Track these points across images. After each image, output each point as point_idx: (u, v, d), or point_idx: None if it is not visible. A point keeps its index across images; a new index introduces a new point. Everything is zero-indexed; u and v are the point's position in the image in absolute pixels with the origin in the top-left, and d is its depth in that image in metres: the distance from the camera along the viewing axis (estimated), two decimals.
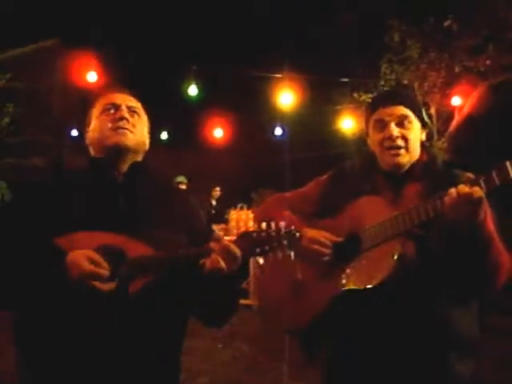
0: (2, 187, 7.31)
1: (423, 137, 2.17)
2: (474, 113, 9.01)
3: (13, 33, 13.52)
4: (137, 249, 1.78)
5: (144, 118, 2.12)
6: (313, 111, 12.70)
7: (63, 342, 1.72)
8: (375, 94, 10.43)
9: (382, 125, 2.13)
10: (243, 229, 6.77)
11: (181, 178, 9.75)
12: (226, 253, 1.79)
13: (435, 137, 9.78)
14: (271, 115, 12.14)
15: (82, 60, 9.97)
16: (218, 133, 12.23)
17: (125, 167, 1.99)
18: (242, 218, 7.03)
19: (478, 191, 1.75)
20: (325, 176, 2.37)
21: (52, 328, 1.73)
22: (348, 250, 2.08)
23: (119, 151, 1.96)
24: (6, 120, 11.77)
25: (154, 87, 14.69)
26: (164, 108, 14.14)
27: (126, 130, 1.98)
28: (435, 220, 1.87)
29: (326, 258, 2.12)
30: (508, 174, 1.72)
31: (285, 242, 1.79)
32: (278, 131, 12.84)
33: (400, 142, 2.09)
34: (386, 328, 2.00)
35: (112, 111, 2.03)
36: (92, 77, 9.86)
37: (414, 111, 2.13)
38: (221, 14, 13.96)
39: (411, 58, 10.00)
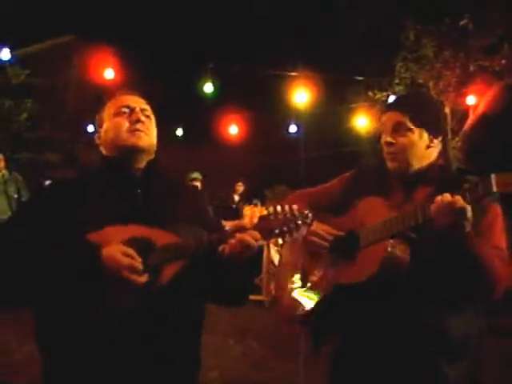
0: (19, 181, 7.39)
1: (434, 143, 2.15)
2: (489, 112, 8.94)
3: (32, 29, 13.65)
4: (164, 239, 1.87)
5: (153, 119, 2.19)
6: (327, 109, 12.69)
7: (94, 334, 1.78)
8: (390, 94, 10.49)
9: (384, 129, 2.20)
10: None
11: (195, 174, 9.77)
12: (247, 237, 1.85)
13: (449, 136, 9.72)
14: (286, 113, 12.15)
15: (100, 57, 10.04)
16: (233, 130, 12.26)
17: (140, 166, 2.06)
18: (255, 215, 7.11)
19: (460, 201, 1.79)
20: (347, 174, 2.43)
21: (84, 320, 1.79)
22: (347, 246, 2.15)
23: (135, 152, 2.04)
24: (24, 115, 11.92)
25: (170, 85, 14.77)
26: (180, 105, 14.25)
27: (142, 133, 2.05)
28: (425, 225, 1.92)
29: (324, 250, 2.22)
30: (491, 187, 1.76)
31: (299, 223, 1.85)
32: (293, 129, 12.83)
33: (391, 149, 2.15)
34: (373, 324, 2.07)
35: (127, 113, 2.09)
36: (109, 74, 9.93)
37: (415, 118, 2.12)
38: (237, 12, 13.97)
39: (426, 56, 9.96)
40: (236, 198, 10.89)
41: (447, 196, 1.82)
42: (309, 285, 2.29)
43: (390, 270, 1.98)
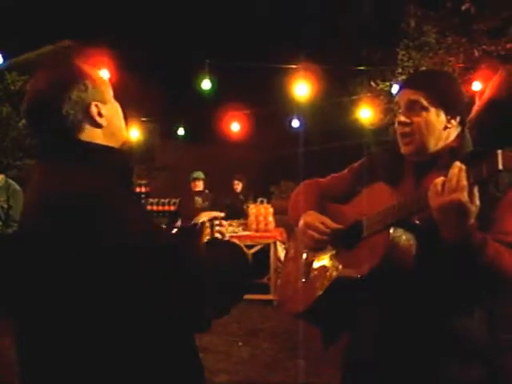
0: (10, 189, 7.12)
1: (452, 123, 1.97)
2: (496, 96, 8.81)
3: (29, 36, 13.61)
4: None
5: None
6: (330, 102, 12.56)
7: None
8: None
9: (397, 109, 2.03)
10: (263, 224, 6.67)
11: (197, 174, 9.62)
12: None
13: None
14: (288, 107, 12.00)
15: (97, 60, 9.91)
16: (235, 127, 12.11)
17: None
18: (261, 213, 7.05)
19: (455, 178, 1.63)
20: (357, 163, 2.32)
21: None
22: (350, 236, 2.01)
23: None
24: (23, 121, 11.83)
25: (168, 84, 14.69)
26: (180, 104, 14.15)
27: None
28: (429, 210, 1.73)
29: (321, 243, 2.09)
30: (496, 165, 1.55)
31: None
32: (296, 123, 12.68)
33: (405, 129, 1.98)
34: (377, 320, 1.97)
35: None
36: (106, 76, 9.79)
37: (430, 95, 1.94)
38: (233, 6, 13.87)
39: (428, 43, 9.79)
40: (241, 197, 10.58)
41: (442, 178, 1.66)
42: (310, 278, 2.16)
43: (394, 261, 1.81)
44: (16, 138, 11.78)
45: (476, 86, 9.16)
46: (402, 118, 1.98)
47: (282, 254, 8.62)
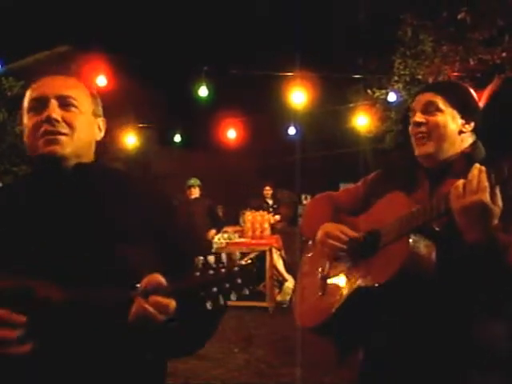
0: None
1: (467, 128, 1.98)
2: (491, 105, 8.83)
3: (26, 41, 13.63)
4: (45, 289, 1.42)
5: (88, 108, 1.64)
6: (327, 109, 12.57)
7: None
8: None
9: (413, 111, 2.04)
10: (259, 231, 6.63)
11: (193, 181, 9.62)
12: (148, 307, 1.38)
13: None
14: (284, 115, 12.02)
15: (95, 66, 9.93)
16: (232, 134, 12.12)
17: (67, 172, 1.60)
18: (257, 220, 7.06)
19: (480, 178, 1.61)
20: (372, 174, 2.29)
21: None
22: (368, 245, 1.98)
23: (54, 161, 1.56)
24: (20, 127, 11.84)
25: (165, 91, 14.71)
26: (177, 111, 14.16)
27: (57, 136, 1.54)
28: (451, 217, 1.71)
29: (341, 252, 2.05)
30: None
31: (239, 282, 1.39)
32: (292, 131, 12.69)
33: (422, 128, 1.98)
34: (396, 331, 1.91)
35: (39, 109, 1.57)
36: (103, 82, 9.81)
37: (447, 98, 1.97)
38: (230, 13, 13.92)
39: (425, 52, 9.82)
40: (270, 201, 10.59)
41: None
42: (327, 292, 2.12)
43: (413, 269, 1.78)
44: (12, 143, 11.76)
45: None
46: (418, 118, 1.98)
47: (277, 261, 8.65)
